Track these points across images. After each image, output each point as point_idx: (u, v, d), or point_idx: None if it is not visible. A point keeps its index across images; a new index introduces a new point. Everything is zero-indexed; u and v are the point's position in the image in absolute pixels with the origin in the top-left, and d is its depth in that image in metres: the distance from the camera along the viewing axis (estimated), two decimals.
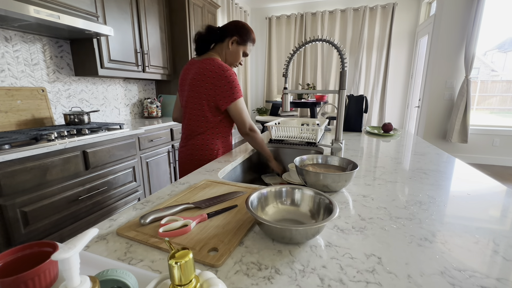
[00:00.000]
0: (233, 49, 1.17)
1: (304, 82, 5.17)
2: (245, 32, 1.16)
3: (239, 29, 1.15)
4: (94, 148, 1.62)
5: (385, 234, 0.53)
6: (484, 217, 0.60)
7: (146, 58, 2.38)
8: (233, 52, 1.17)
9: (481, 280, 0.40)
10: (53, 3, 1.51)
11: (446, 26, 3.48)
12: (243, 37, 1.16)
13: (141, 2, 2.26)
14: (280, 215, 0.61)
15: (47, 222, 1.39)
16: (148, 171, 2.14)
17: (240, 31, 1.15)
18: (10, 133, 1.47)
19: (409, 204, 0.67)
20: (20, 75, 1.73)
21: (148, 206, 0.67)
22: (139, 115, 2.79)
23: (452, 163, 1.04)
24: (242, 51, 1.18)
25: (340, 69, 0.93)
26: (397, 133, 1.76)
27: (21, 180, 1.26)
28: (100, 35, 1.81)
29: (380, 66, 4.66)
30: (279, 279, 0.41)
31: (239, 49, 1.17)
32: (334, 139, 1.02)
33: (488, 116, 4.10)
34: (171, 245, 0.31)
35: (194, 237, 0.51)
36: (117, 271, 0.34)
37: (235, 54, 1.17)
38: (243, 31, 1.16)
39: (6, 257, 0.37)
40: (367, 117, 4.91)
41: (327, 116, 2.07)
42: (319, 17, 4.81)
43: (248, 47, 1.19)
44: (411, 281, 0.40)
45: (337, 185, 0.73)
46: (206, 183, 0.81)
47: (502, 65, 4.10)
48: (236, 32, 1.15)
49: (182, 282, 0.29)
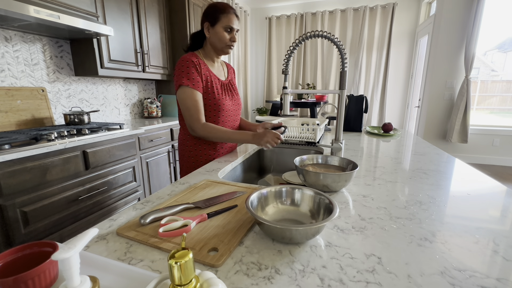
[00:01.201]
0: (211, 34, 1.08)
1: (304, 82, 5.17)
2: (209, 10, 1.07)
3: (205, 13, 1.08)
4: (94, 148, 1.62)
5: (385, 234, 0.53)
6: (484, 217, 0.60)
7: (146, 58, 2.38)
8: (213, 37, 1.08)
9: (481, 280, 0.40)
10: (53, 3, 1.51)
11: (446, 26, 3.48)
12: (212, 16, 1.06)
13: (141, 2, 2.26)
14: (280, 215, 0.61)
15: (47, 222, 1.39)
16: (148, 171, 2.14)
17: (206, 13, 1.07)
18: (10, 133, 1.47)
19: (409, 204, 0.67)
20: (20, 75, 1.73)
21: (148, 206, 0.67)
22: (139, 115, 2.79)
23: (452, 163, 1.04)
24: (221, 29, 1.06)
25: (340, 69, 0.92)
26: (397, 133, 1.76)
27: (21, 180, 1.25)
28: (100, 35, 1.81)
29: (380, 66, 4.66)
30: (279, 279, 0.41)
31: (216, 29, 1.06)
32: (334, 139, 1.02)
33: (488, 116, 4.10)
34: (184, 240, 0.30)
35: (194, 237, 0.51)
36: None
37: (216, 37, 1.07)
38: (208, 11, 1.07)
39: (6, 257, 0.37)
40: (367, 117, 4.91)
41: (327, 116, 2.07)
42: (319, 17, 4.81)
43: (223, 20, 1.05)
44: (411, 281, 0.40)
45: (337, 185, 0.73)
46: (206, 183, 0.81)
47: (502, 65, 4.10)
48: (204, 17, 1.08)
49: (182, 282, 0.29)
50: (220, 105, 1.13)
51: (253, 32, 5.45)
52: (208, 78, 1.10)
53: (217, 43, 1.09)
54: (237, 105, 1.24)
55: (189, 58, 1.06)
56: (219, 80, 1.16)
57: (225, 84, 1.19)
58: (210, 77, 1.11)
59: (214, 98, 1.11)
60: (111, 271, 0.40)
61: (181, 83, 1.03)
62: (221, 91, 1.15)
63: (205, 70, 1.09)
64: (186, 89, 1.04)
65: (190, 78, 1.03)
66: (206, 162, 1.17)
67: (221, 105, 1.13)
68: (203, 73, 1.08)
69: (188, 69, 1.04)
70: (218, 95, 1.12)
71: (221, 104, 1.13)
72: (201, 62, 1.09)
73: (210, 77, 1.11)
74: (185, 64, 1.04)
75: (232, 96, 1.21)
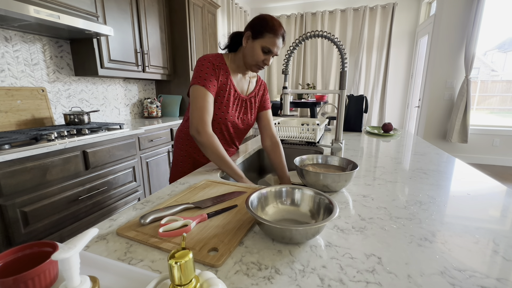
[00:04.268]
0: (247, 46, 0.98)
1: (304, 82, 5.17)
2: (257, 22, 0.95)
3: (252, 22, 0.97)
4: (94, 148, 1.62)
5: (385, 234, 0.53)
6: (484, 217, 0.60)
7: (146, 58, 2.38)
8: (248, 50, 0.98)
9: (481, 280, 0.40)
10: (53, 3, 1.51)
11: (446, 26, 3.48)
12: (255, 29, 0.95)
13: (141, 2, 2.26)
14: (280, 215, 0.61)
15: (47, 222, 1.39)
16: (148, 171, 2.14)
17: (253, 23, 0.97)
18: (10, 133, 1.47)
19: (409, 204, 0.67)
20: (20, 75, 1.73)
21: (148, 206, 0.67)
22: (139, 115, 2.79)
23: (452, 163, 1.04)
24: (259, 47, 0.96)
25: (340, 69, 0.92)
26: (397, 133, 1.76)
27: (21, 180, 1.25)
28: (100, 35, 1.81)
29: (380, 66, 4.66)
30: (279, 279, 0.41)
31: (255, 44, 0.96)
32: (334, 139, 1.02)
33: (488, 116, 4.10)
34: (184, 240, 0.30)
35: (194, 237, 0.51)
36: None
37: (250, 51, 0.97)
38: (256, 22, 0.96)
39: (6, 257, 0.37)
40: (367, 117, 4.91)
41: (327, 116, 2.07)
42: (319, 17, 4.81)
43: (266, 39, 0.94)
44: (411, 281, 0.40)
45: (337, 185, 0.73)
46: (206, 183, 0.81)
47: (502, 65, 4.10)
48: (249, 26, 0.97)
49: (182, 282, 0.29)
50: (221, 118, 1.04)
51: None
52: (223, 85, 1.01)
53: (248, 57, 1.00)
54: (244, 125, 1.13)
55: (211, 59, 0.99)
56: (236, 92, 1.06)
57: (242, 99, 1.09)
58: (227, 85, 1.02)
59: (219, 109, 1.04)
60: (111, 271, 0.40)
61: (196, 82, 0.97)
62: (232, 103, 1.05)
63: (224, 76, 1.01)
64: (199, 89, 0.97)
65: (206, 78, 0.97)
66: (200, 159, 1.12)
67: (223, 118, 1.05)
68: (220, 78, 1.00)
69: (207, 70, 0.98)
70: (226, 107, 1.04)
71: (224, 118, 1.05)
72: (223, 67, 1.01)
73: (227, 85, 1.02)
74: (205, 63, 0.98)
75: (244, 114, 1.11)
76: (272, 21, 0.95)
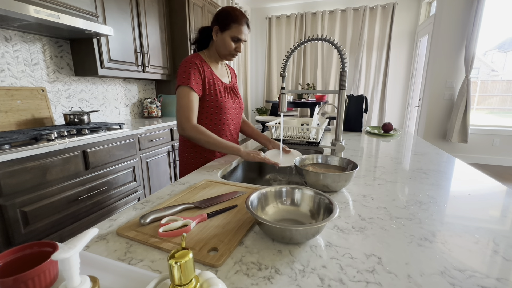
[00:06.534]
0: (218, 39, 1.07)
1: (304, 82, 5.17)
2: (222, 15, 1.04)
3: (217, 16, 1.05)
4: (94, 148, 1.62)
5: (385, 234, 0.53)
6: (484, 217, 0.60)
7: (146, 58, 2.38)
8: (219, 42, 1.07)
9: (481, 280, 0.40)
10: (53, 3, 1.51)
11: (446, 26, 3.48)
12: (223, 22, 1.03)
13: (141, 2, 2.26)
14: (280, 215, 0.61)
15: (47, 222, 1.39)
16: (148, 171, 2.14)
17: (218, 17, 1.04)
18: (10, 133, 1.47)
19: (409, 204, 0.67)
20: (20, 75, 1.73)
21: (148, 206, 0.67)
22: (139, 115, 2.79)
23: (452, 163, 1.04)
24: (229, 37, 1.04)
25: (340, 69, 0.92)
26: (397, 133, 1.76)
27: (21, 180, 1.25)
28: (100, 35, 1.81)
29: (380, 66, 4.66)
30: (279, 279, 0.41)
31: (224, 36, 1.05)
32: (334, 139, 1.02)
33: (488, 116, 4.10)
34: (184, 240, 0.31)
35: (194, 237, 0.51)
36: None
37: (222, 43, 1.06)
38: (220, 16, 1.04)
39: (6, 257, 0.37)
40: (367, 117, 4.91)
41: (327, 116, 2.07)
42: (319, 17, 4.81)
43: (233, 29, 1.03)
44: (411, 281, 0.40)
45: (337, 185, 0.73)
46: (206, 183, 0.81)
47: (502, 65, 4.10)
48: (215, 21, 1.06)
49: (182, 282, 0.29)
50: (222, 108, 1.13)
51: (253, 32, 5.45)
52: (210, 80, 1.10)
53: (221, 49, 1.09)
54: (239, 108, 1.25)
55: (192, 60, 1.06)
56: (223, 82, 1.16)
57: (228, 87, 1.19)
58: (213, 79, 1.11)
59: (217, 101, 1.12)
60: (111, 271, 0.40)
61: (180, 83, 1.04)
62: (224, 93, 1.15)
63: (208, 72, 1.09)
64: (183, 89, 1.03)
65: (189, 79, 1.03)
66: (205, 163, 1.17)
67: (223, 108, 1.14)
68: (206, 76, 1.08)
69: (190, 70, 1.04)
70: (221, 97, 1.13)
71: (223, 107, 1.14)
72: (204, 65, 1.09)
73: (213, 80, 1.11)
74: (187, 65, 1.05)
75: (234, 98, 1.22)
76: (235, 12, 1.04)
